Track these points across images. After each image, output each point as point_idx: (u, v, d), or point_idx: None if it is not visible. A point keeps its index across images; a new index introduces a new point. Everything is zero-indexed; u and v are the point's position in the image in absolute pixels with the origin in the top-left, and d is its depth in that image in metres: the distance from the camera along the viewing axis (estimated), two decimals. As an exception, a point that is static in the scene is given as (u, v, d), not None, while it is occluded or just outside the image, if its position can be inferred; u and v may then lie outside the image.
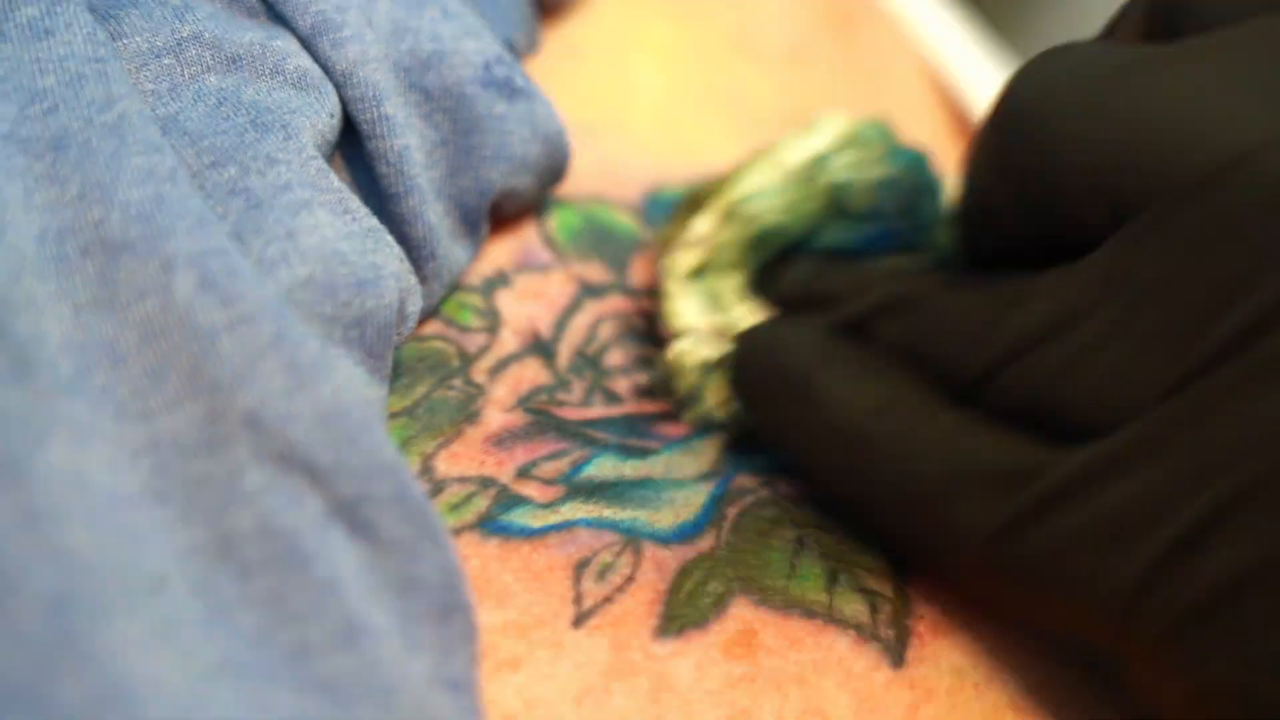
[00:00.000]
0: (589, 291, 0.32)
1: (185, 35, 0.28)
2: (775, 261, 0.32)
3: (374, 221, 0.28)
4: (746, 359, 0.30)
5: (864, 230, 0.32)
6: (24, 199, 0.24)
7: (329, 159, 0.29)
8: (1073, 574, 0.25)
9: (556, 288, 0.32)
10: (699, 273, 0.32)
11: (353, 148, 0.30)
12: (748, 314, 0.31)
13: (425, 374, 0.30)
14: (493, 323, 0.31)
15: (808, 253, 0.32)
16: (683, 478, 0.30)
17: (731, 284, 0.32)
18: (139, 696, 0.21)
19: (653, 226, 0.34)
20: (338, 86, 0.29)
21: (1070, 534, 0.25)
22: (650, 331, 0.32)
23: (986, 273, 0.28)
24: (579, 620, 0.27)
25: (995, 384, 0.27)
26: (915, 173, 0.32)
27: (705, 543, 0.28)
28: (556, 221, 0.33)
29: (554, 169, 0.32)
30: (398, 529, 0.24)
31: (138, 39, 0.27)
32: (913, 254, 0.32)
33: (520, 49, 0.34)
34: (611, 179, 0.34)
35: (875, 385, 0.28)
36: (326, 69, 0.29)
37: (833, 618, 0.27)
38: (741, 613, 0.27)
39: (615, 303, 0.33)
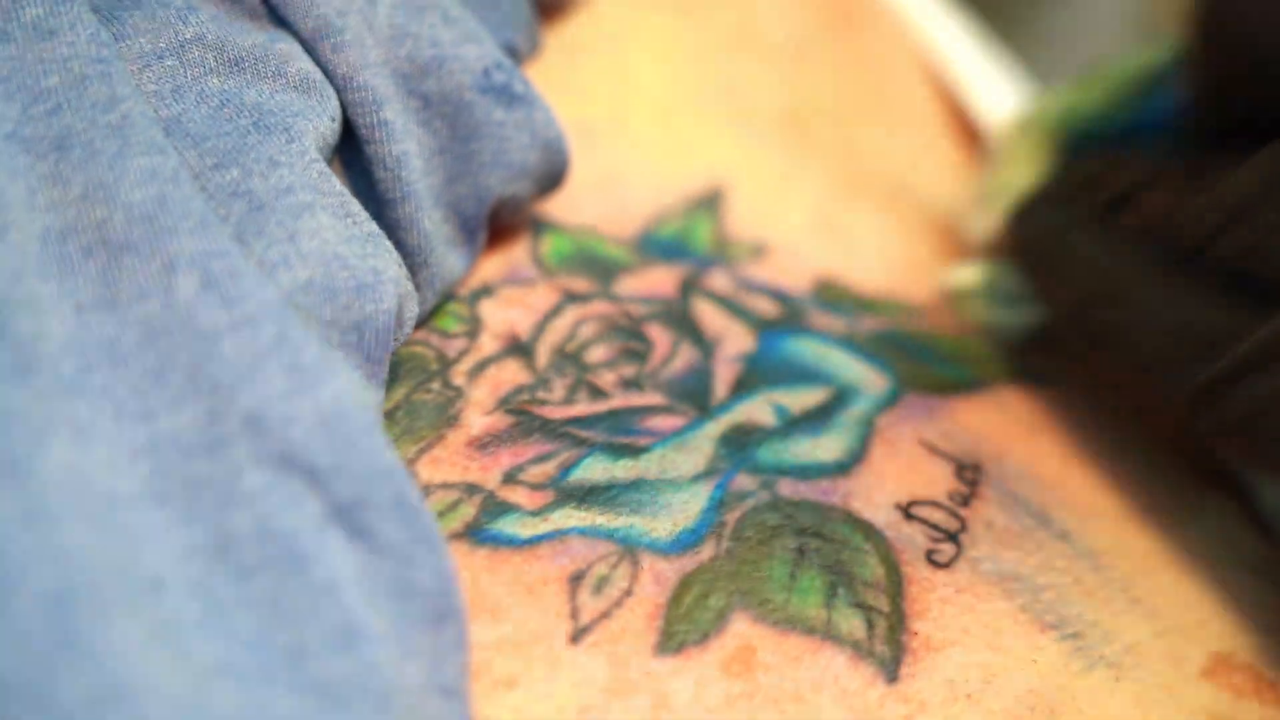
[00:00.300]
0: (572, 299, 0.32)
1: (188, 37, 0.28)
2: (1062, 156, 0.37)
3: (374, 226, 0.28)
4: (1013, 234, 0.34)
5: (1133, 117, 0.36)
6: (27, 198, 0.24)
7: (328, 163, 0.29)
8: (1268, 434, 0.27)
9: (539, 296, 0.32)
10: (1000, 188, 0.37)
11: (351, 152, 0.30)
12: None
13: (403, 377, 0.30)
14: (473, 328, 0.31)
15: (1082, 144, 0.37)
16: (678, 478, 0.29)
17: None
18: (137, 696, 0.21)
19: (646, 259, 0.34)
20: (338, 90, 0.29)
21: (1266, 396, 0.26)
22: (635, 330, 0.32)
23: (1211, 155, 0.30)
24: (576, 636, 0.27)
25: (1211, 253, 0.29)
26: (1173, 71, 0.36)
27: (705, 552, 0.28)
28: (548, 246, 0.33)
29: (553, 175, 0.32)
30: (395, 533, 0.24)
31: (141, 40, 0.27)
32: (1165, 141, 0.35)
33: (521, 52, 0.34)
34: (610, 208, 0.35)
35: (1112, 257, 0.31)
36: (327, 73, 0.29)
37: (830, 634, 0.27)
38: (741, 629, 0.27)
39: (599, 307, 0.33)
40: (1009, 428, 0.33)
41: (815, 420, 0.31)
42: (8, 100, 0.25)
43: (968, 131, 0.43)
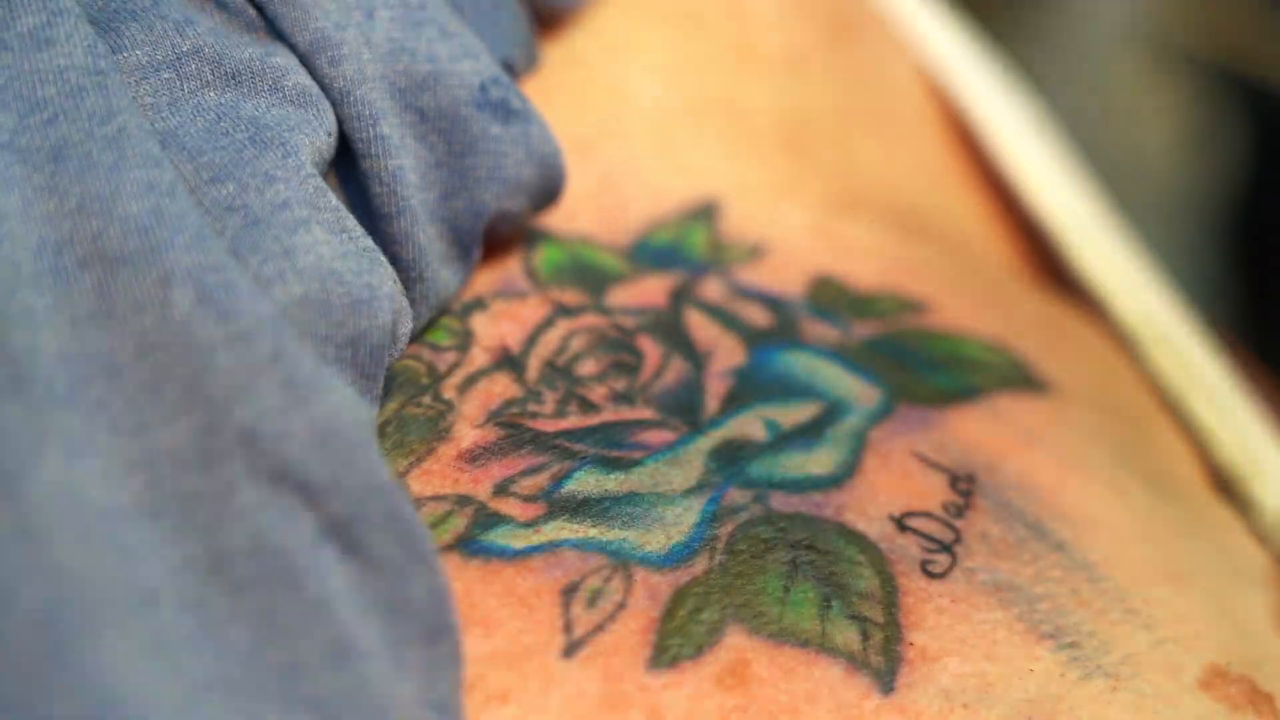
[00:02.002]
0: (564, 311, 0.32)
1: (185, 50, 0.28)
2: None
3: (370, 241, 0.28)
4: None
5: None
6: (23, 210, 0.24)
7: (324, 177, 0.29)
8: None
9: (531, 309, 0.32)
10: None
11: (347, 166, 0.30)
12: None
13: (395, 391, 0.30)
14: (464, 341, 0.31)
15: None
16: (670, 491, 0.29)
17: None
18: (129, 712, 0.21)
19: (639, 268, 0.34)
20: (334, 104, 0.29)
21: None
22: (626, 343, 0.32)
23: None
24: (570, 650, 0.26)
25: None
26: None
27: (699, 566, 0.28)
28: (541, 258, 0.33)
29: (549, 191, 0.32)
30: (389, 550, 0.24)
31: (138, 52, 0.27)
32: None
33: (519, 67, 0.34)
34: (605, 217, 0.34)
35: None
36: (324, 87, 0.29)
37: (824, 647, 0.27)
38: (735, 642, 0.27)
39: (589, 319, 0.32)
40: (1004, 437, 0.33)
41: (807, 435, 0.31)
42: (4, 110, 0.25)
43: (968, 143, 0.43)
